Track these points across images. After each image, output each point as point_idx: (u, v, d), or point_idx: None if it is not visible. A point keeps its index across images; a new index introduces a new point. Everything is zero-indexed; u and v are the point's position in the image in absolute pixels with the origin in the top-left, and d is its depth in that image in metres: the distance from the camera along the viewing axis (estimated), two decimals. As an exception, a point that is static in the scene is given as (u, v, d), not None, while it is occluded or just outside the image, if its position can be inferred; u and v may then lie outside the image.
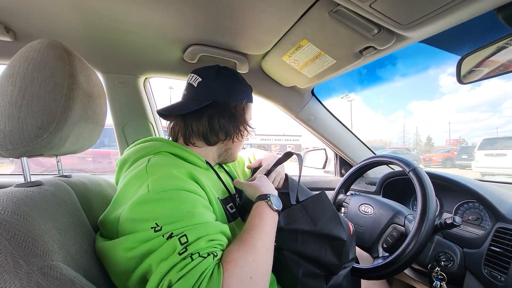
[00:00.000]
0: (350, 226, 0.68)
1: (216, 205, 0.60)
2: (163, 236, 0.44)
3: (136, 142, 0.66)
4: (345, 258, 0.62)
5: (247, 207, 0.65)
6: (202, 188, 0.58)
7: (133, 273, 0.45)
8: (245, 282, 0.43)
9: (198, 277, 0.41)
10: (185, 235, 0.45)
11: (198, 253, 0.44)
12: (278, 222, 0.60)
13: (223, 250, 0.48)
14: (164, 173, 0.53)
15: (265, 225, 0.55)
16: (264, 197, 0.61)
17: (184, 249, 0.43)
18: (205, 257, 0.43)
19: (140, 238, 0.45)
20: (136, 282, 0.45)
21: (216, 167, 0.75)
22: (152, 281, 0.41)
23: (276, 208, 0.59)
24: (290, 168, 0.88)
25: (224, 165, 0.82)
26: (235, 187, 0.77)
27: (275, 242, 0.56)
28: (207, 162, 0.69)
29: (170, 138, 0.73)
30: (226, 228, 0.53)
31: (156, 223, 0.45)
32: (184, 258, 0.42)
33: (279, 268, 0.60)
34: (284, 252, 0.61)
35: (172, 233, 0.45)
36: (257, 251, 0.48)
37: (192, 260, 0.42)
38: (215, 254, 0.45)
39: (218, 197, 0.63)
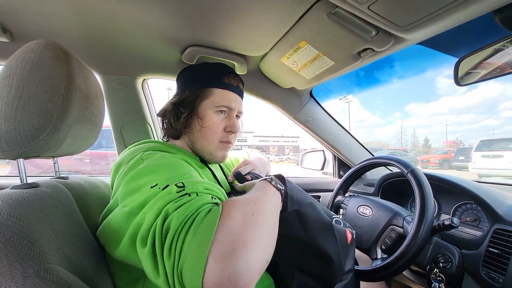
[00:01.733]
0: (349, 234, 0.63)
1: None
2: (159, 188, 0.43)
3: (129, 146, 0.66)
4: (339, 271, 0.58)
5: None
6: (197, 172, 0.60)
7: (126, 231, 0.42)
8: (247, 216, 0.39)
9: (197, 208, 0.39)
10: (181, 181, 0.44)
11: (196, 193, 0.42)
12: None
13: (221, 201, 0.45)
14: (159, 156, 0.55)
15: (266, 195, 0.50)
16: (267, 177, 0.57)
17: (182, 189, 0.42)
18: (203, 195, 0.42)
19: (136, 197, 0.44)
20: (128, 243, 0.42)
21: (213, 166, 0.75)
22: (147, 220, 0.39)
23: (280, 187, 0.55)
24: (284, 170, 0.87)
25: (221, 165, 0.82)
26: (231, 186, 0.77)
27: None
28: (201, 161, 0.70)
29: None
30: (222, 190, 0.52)
31: (151, 186, 0.44)
32: (181, 196, 0.41)
33: (274, 279, 0.59)
34: (278, 264, 0.57)
35: (168, 184, 0.43)
36: (257, 208, 0.43)
37: (190, 196, 0.41)
38: (214, 197, 0.44)
39: None
